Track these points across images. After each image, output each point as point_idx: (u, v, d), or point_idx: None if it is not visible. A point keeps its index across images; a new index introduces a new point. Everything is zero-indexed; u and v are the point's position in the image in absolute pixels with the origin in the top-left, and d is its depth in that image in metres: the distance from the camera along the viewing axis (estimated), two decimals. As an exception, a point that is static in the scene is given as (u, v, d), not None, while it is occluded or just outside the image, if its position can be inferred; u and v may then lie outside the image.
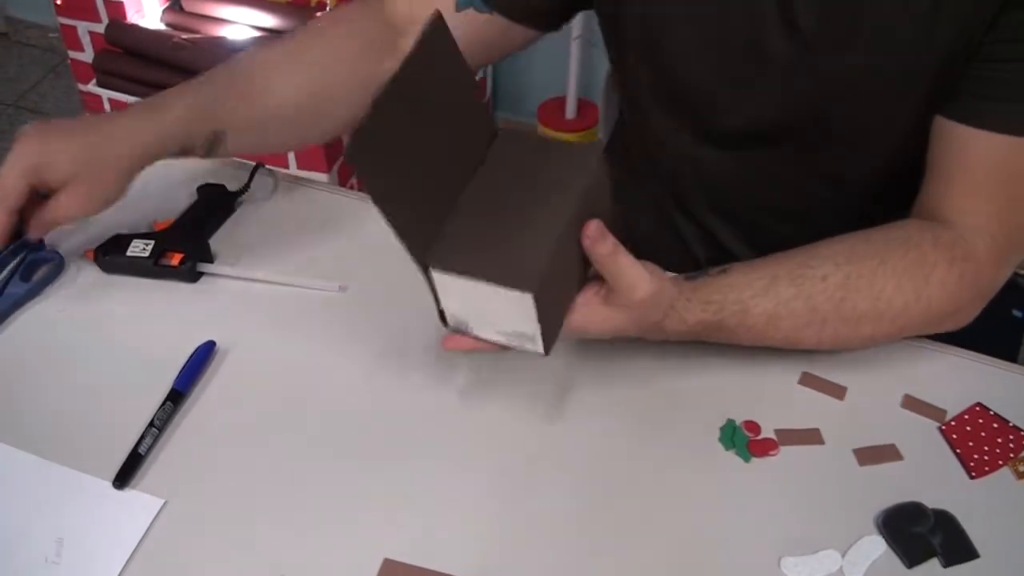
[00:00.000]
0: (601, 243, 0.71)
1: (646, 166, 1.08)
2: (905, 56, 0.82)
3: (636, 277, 0.74)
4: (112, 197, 0.90)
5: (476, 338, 0.76)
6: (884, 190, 0.94)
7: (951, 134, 0.83)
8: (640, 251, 1.08)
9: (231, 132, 0.93)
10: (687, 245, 1.08)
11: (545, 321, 0.71)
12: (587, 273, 0.77)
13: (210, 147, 0.93)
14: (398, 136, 0.66)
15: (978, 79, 0.81)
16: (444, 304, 0.74)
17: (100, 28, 2.23)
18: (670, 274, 0.80)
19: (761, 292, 0.82)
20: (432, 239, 0.70)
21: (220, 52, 2.09)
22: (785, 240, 0.86)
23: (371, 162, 0.63)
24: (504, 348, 0.76)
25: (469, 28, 0.90)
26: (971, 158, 0.83)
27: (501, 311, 0.71)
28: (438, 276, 0.71)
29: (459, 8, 0.81)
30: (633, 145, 1.09)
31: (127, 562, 0.73)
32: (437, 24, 0.68)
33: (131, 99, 2.14)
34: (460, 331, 0.76)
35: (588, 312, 0.77)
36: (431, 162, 0.70)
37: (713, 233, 1.05)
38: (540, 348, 0.73)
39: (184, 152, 0.92)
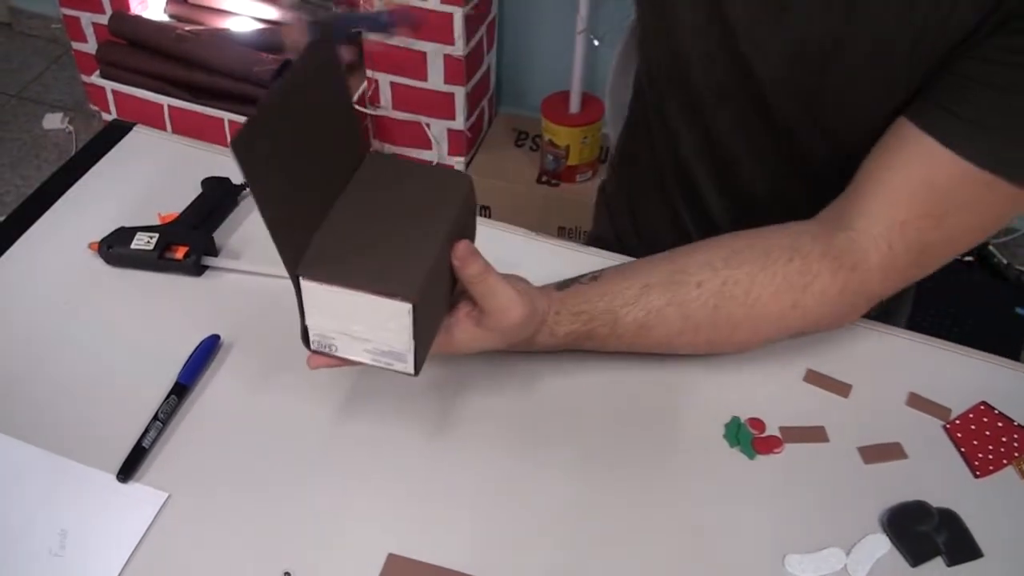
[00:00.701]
0: (472, 263, 0.71)
1: (651, 147, 1.08)
2: (900, 64, 0.81)
3: (508, 299, 0.74)
4: None
5: (341, 359, 0.73)
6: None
7: (898, 133, 0.82)
8: (644, 239, 1.08)
9: None
10: (689, 235, 1.08)
11: (419, 337, 0.69)
12: (452, 294, 0.76)
13: None
14: (278, 142, 0.64)
15: (947, 89, 0.79)
16: (310, 321, 0.71)
17: (103, 19, 2.23)
18: (537, 286, 0.80)
19: (631, 301, 0.81)
20: (303, 249, 0.68)
21: (223, 44, 2.09)
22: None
23: (253, 161, 0.61)
24: (371, 367, 0.73)
25: None
26: (907, 162, 0.81)
27: (373, 325, 0.69)
28: (308, 286, 0.68)
29: None
30: (643, 130, 1.09)
31: (131, 555, 0.73)
32: (324, 40, 0.68)
33: (135, 91, 2.14)
34: (324, 352, 0.73)
35: (459, 333, 0.76)
36: (306, 173, 0.69)
37: (714, 220, 1.05)
38: (410, 367, 0.71)
39: None
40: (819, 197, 0.87)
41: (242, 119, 2.07)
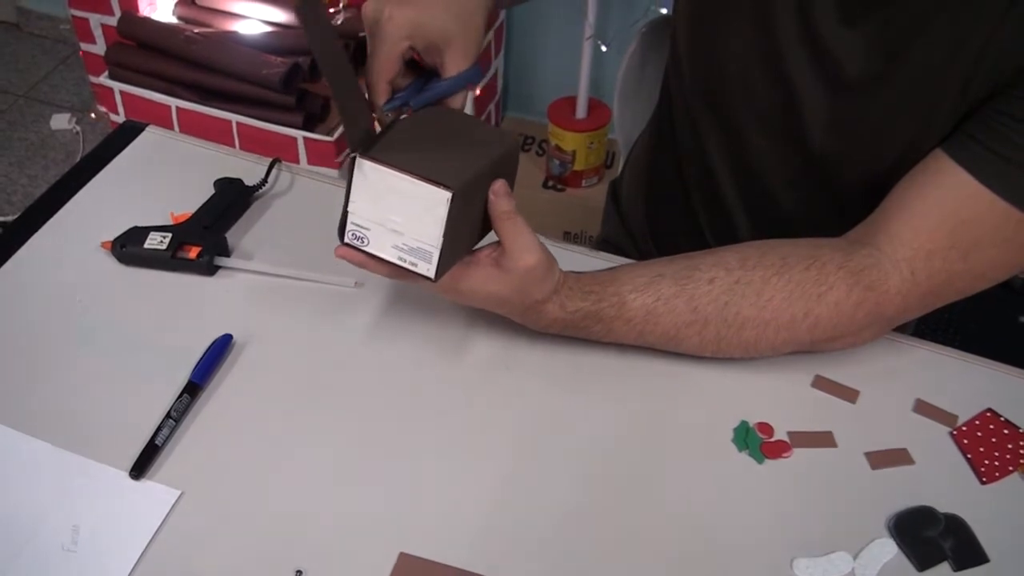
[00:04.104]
0: (504, 199, 0.77)
1: (676, 157, 1.08)
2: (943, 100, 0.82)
3: (529, 242, 0.78)
4: (480, 47, 0.85)
5: (369, 255, 0.77)
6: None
7: (933, 163, 0.82)
8: (660, 247, 1.09)
9: None
10: (708, 244, 1.09)
11: (448, 238, 0.73)
12: (481, 236, 0.81)
13: None
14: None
15: (986, 124, 0.79)
16: (353, 206, 0.75)
17: (112, 20, 2.23)
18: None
19: (642, 288, 0.83)
20: (362, 131, 0.75)
21: (232, 46, 2.10)
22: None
23: (315, 18, 0.70)
24: (392, 271, 0.77)
25: None
26: (939, 193, 0.81)
27: (410, 215, 0.73)
28: (364, 165, 0.73)
29: None
30: (668, 140, 1.10)
31: (143, 552, 0.74)
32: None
33: (144, 92, 2.14)
34: (355, 245, 0.77)
35: (478, 269, 0.79)
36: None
37: (733, 232, 1.05)
38: (432, 268, 0.75)
39: None
40: (849, 223, 0.88)
41: (250, 122, 2.07)
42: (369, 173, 0.73)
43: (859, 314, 0.83)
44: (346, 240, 0.77)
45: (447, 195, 0.71)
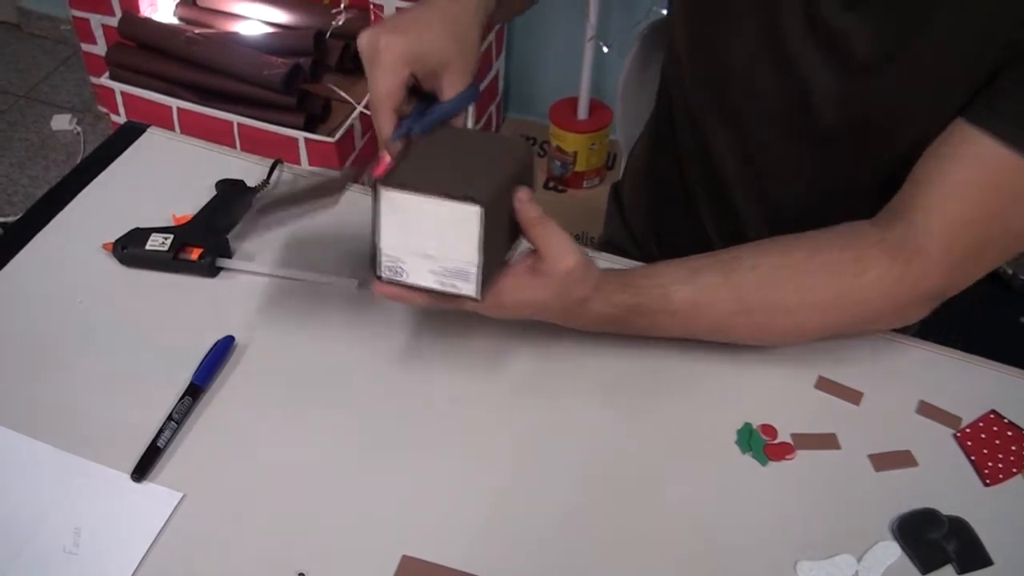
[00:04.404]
0: (532, 205, 0.75)
1: (680, 163, 1.08)
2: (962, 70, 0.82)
3: (565, 244, 0.76)
4: (476, 66, 0.85)
5: (408, 286, 0.76)
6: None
7: (958, 133, 0.82)
8: (664, 247, 1.08)
9: None
10: (713, 247, 1.09)
11: (485, 253, 0.72)
12: (513, 246, 0.80)
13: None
14: None
15: (1001, 90, 0.80)
16: (382, 240, 0.74)
17: (113, 21, 2.23)
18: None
19: (683, 280, 0.82)
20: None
21: (233, 47, 2.10)
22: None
23: None
24: (434, 299, 0.76)
25: None
26: (964, 158, 0.81)
27: (442, 239, 0.72)
28: (387, 195, 0.71)
29: None
30: (668, 141, 1.10)
31: (145, 554, 0.74)
32: None
33: (144, 93, 2.14)
34: (392, 278, 0.76)
35: (515, 279, 0.77)
36: None
37: (742, 233, 1.05)
38: (473, 287, 0.74)
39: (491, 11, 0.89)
40: (862, 215, 0.87)
41: (251, 123, 2.07)
42: (394, 202, 0.72)
43: (903, 289, 0.83)
44: (383, 276, 0.76)
45: (477, 209, 0.70)
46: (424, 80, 0.81)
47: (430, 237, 0.72)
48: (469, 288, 0.74)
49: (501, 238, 0.77)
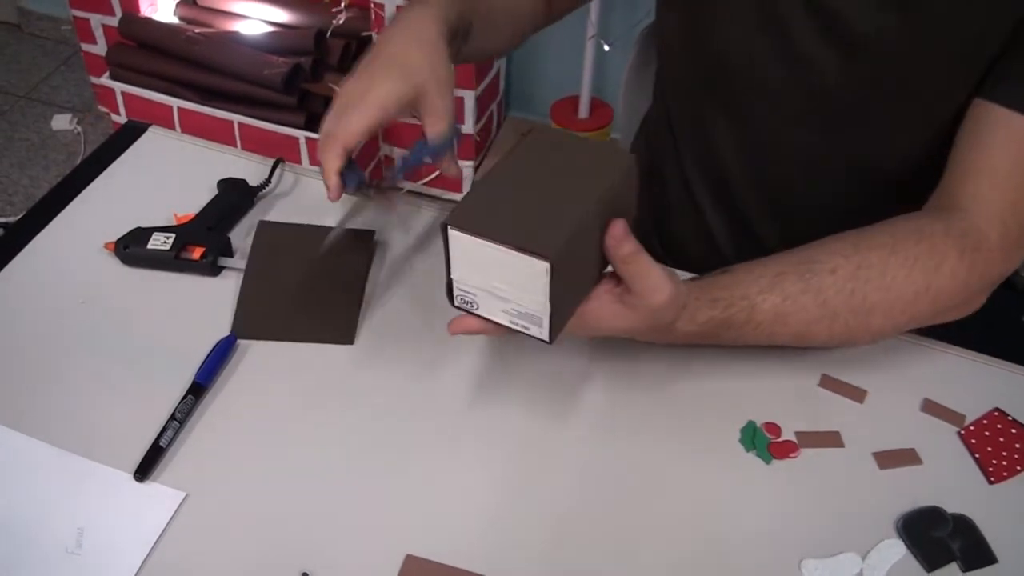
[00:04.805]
0: (625, 243, 0.70)
1: (680, 160, 1.08)
2: (968, 42, 0.82)
3: (657, 280, 0.72)
4: (452, 102, 0.85)
5: (481, 319, 0.74)
6: (912, 185, 0.93)
7: (981, 114, 0.83)
8: (667, 247, 1.08)
9: (475, 24, 0.92)
10: (715, 242, 1.09)
11: (556, 302, 0.69)
12: (602, 272, 0.76)
13: (464, 37, 0.91)
14: None
15: (1018, 61, 0.80)
16: (455, 274, 0.72)
17: (113, 21, 2.24)
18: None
19: (767, 288, 0.80)
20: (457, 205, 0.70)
21: (233, 46, 2.09)
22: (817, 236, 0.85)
23: None
24: (508, 332, 0.74)
25: None
26: (996, 140, 0.82)
27: (513, 283, 0.69)
28: (455, 236, 0.68)
29: None
30: (668, 140, 1.09)
31: (148, 554, 0.74)
32: None
33: (145, 93, 2.14)
34: (466, 309, 0.74)
35: (600, 307, 0.75)
36: None
37: (746, 227, 1.05)
38: (545, 333, 0.72)
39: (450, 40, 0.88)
40: (870, 205, 0.87)
41: (252, 122, 2.07)
42: (461, 242, 0.69)
43: (973, 278, 0.83)
44: (456, 304, 0.74)
45: (545, 265, 0.65)
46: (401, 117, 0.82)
47: (500, 280, 0.69)
48: (541, 332, 0.72)
49: (585, 272, 0.73)
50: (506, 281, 0.69)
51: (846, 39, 0.86)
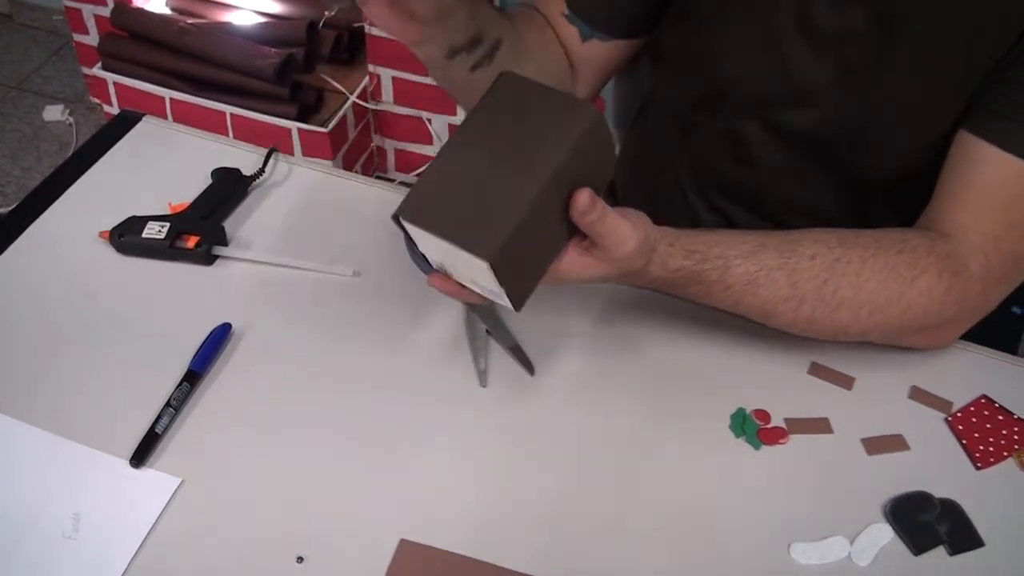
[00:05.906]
0: (589, 212, 0.70)
1: (669, 156, 1.08)
2: (951, 72, 0.82)
3: (623, 234, 0.73)
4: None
5: (456, 285, 0.75)
6: (904, 200, 0.93)
7: (965, 146, 0.83)
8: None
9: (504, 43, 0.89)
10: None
11: (512, 282, 0.70)
12: (571, 230, 0.74)
13: (490, 48, 0.88)
14: None
15: (1002, 95, 0.80)
16: (422, 248, 0.73)
17: (105, 11, 2.23)
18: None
19: (747, 255, 0.81)
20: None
21: (226, 37, 2.09)
22: None
23: None
24: (483, 299, 0.75)
25: (596, 54, 0.98)
26: (979, 174, 0.82)
27: (468, 266, 0.70)
28: (407, 225, 0.70)
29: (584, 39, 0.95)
30: (658, 137, 1.10)
31: (144, 540, 0.74)
32: None
33: (136, 83, 2.14)
34: (444, 272, 0.75)
35: (571, 262, 0.75)
36: None
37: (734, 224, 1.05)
38: (511, 304, 0.73)
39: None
40: (867, 223, 0.88)
41: (244, 113, 2.07)
42: (415, 232, 0.70)
43: (948, 301, 0.83)
44: (435, 268, 0.75)
45: (485, 264, 0.66)
46: None
47: (458, 262, 0.70)
48: (506, 303, 0.73)
49: (548, 243, 0.73)
50: (462, 263, 0.70)
51: (837, 62, 0.87)
